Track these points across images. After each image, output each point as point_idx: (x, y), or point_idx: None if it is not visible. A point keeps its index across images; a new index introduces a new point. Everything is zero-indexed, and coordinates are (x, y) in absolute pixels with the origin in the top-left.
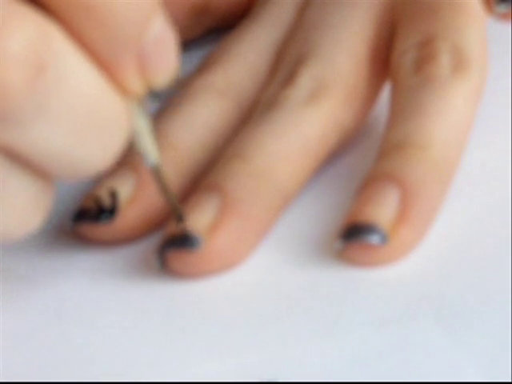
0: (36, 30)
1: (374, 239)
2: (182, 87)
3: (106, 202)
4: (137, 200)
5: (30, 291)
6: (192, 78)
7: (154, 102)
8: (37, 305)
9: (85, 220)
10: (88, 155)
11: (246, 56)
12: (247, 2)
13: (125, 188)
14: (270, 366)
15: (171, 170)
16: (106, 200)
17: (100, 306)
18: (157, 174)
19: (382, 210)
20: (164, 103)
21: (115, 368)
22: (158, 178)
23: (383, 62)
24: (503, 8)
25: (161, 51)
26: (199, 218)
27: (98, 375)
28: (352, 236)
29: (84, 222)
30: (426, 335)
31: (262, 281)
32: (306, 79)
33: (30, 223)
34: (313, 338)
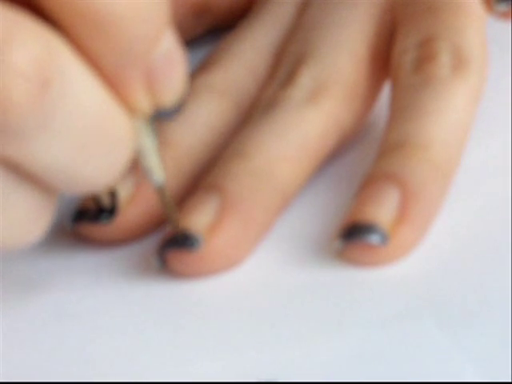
0: (42, 44)
1: (374, 239)
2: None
3: (106, 202)
4: (137, 200)
5: (29, 291)
6: (192, 78)
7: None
8: (37, 305)
9: (85, 220)
10: (92, 171)
11: (246, 56)
12: (247, 1)
13: (124, 188)
14: (269, 365)
15: (171, 169)
16: (105, 200)
17: (100, 305)
18: (161, 192)
19: (382, 210)
20: None
21: (115, 368)
22: (163, 196)
23: (383, 61)
24: (503, 7)
25: (169, 69)
26: (199, 218)
27: (98, 375)
28: (352, 236)
29: (84, 222)
30: (426, 335)
31: (262, 281)
32: (306, 79)
33: (32, 234)
34: (313, 337)
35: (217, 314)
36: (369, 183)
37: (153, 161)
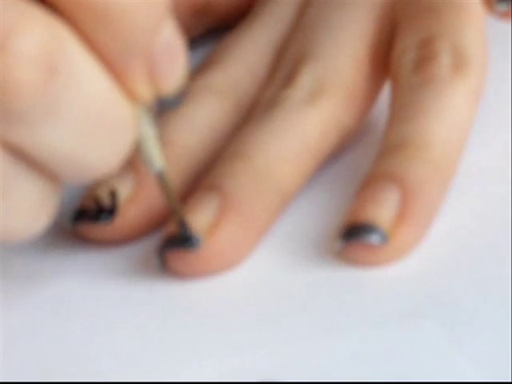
0: (48, 32)
1: (374, 239)
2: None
3: (106, 202)
4: (137, 199)
5: (29, 291)
6: (192, 78)
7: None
8: (36, 304)
9: (84, 220)
10: (95, 158)
11: (246, 56)
12: (247, 1)
13: (125, 187)
14: (269, 365)
15: (171, 169)
16: (105, 200)
17: (100, 305)
18: (162, 180)
19: (382, 210)
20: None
21: (115, 368)
22: (163, 184)
23: (383, 61)
24: (503, 7)
25: (170, 58)
26: (199, 218)
27: (98, 375)
28: (352, 236)
29: (84, 222)
30: (427, 335)
31: (261, 281)
32: (306, 79)
33: (35, 225)
34: (313, 337)
35: (216, 313)
36: (369, 183)
37: (153, 148)
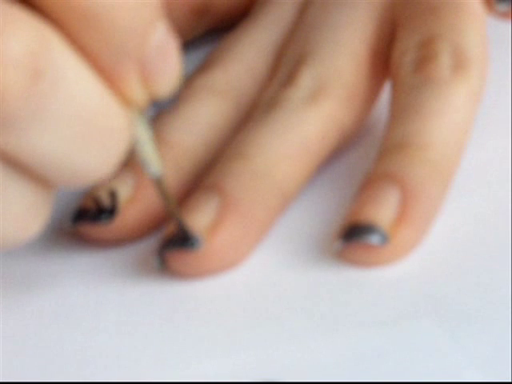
0: (34, 35)
1: (374, 239)
2: (182, 87)
3: (106, 202)
4: (136, 200)
5: (29, 291)
6: (192, 78)
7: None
8: (36, 305)
9: (84, 220)
10: (87, 163)
11: (246, 56)
12: (247, 2)
13: (124, 188)
14: (269, 365)
15: (171, 169)
16: (105, 200)
17: (100, 305)
18: (158, 183)
19: (382, 210)
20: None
21: (115, 368)
22: (160, 187)
23: (383, 61)
24: (504, 7)
25: (163, 59)
26: (199, 218)
27: (98, 375)
28: (352, 236)
29: (84, 222)
30: (426, 335)
31: (262, 281)
32: (307, 79)
33: (28, 230)
34: (313, 337)
35: (216, 313)
36: (369, 183)
37: (149, 152)
